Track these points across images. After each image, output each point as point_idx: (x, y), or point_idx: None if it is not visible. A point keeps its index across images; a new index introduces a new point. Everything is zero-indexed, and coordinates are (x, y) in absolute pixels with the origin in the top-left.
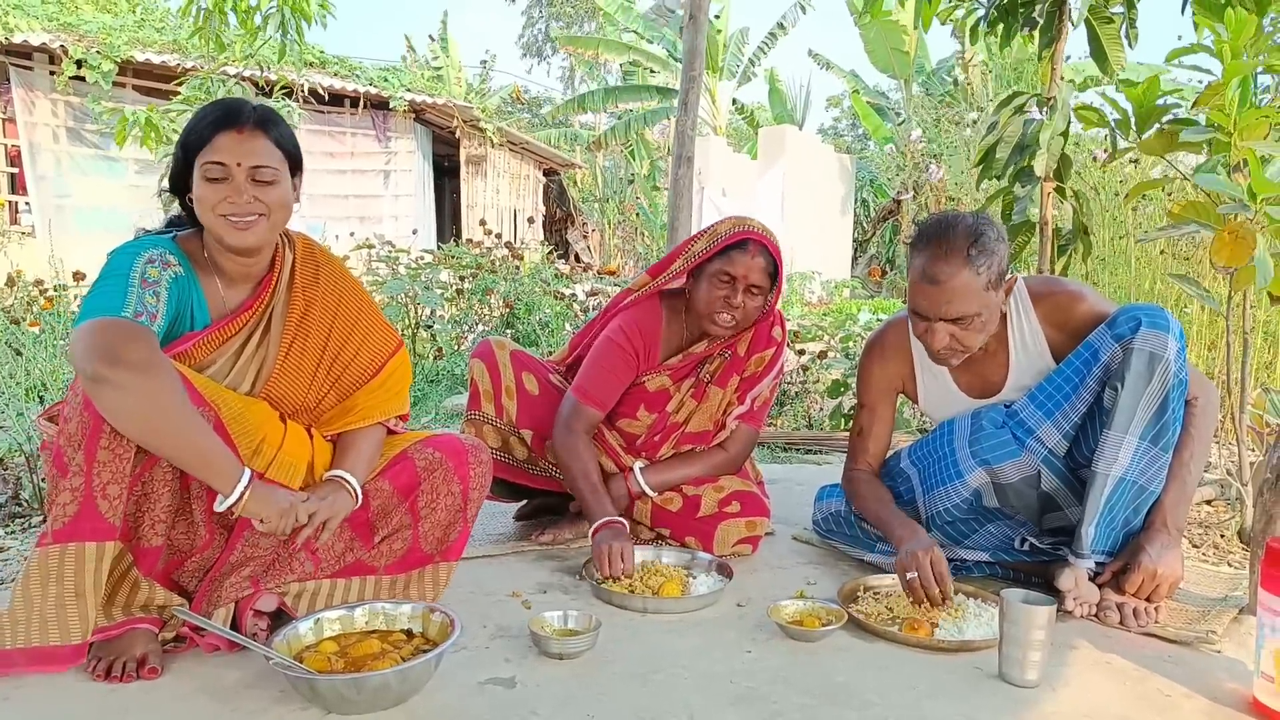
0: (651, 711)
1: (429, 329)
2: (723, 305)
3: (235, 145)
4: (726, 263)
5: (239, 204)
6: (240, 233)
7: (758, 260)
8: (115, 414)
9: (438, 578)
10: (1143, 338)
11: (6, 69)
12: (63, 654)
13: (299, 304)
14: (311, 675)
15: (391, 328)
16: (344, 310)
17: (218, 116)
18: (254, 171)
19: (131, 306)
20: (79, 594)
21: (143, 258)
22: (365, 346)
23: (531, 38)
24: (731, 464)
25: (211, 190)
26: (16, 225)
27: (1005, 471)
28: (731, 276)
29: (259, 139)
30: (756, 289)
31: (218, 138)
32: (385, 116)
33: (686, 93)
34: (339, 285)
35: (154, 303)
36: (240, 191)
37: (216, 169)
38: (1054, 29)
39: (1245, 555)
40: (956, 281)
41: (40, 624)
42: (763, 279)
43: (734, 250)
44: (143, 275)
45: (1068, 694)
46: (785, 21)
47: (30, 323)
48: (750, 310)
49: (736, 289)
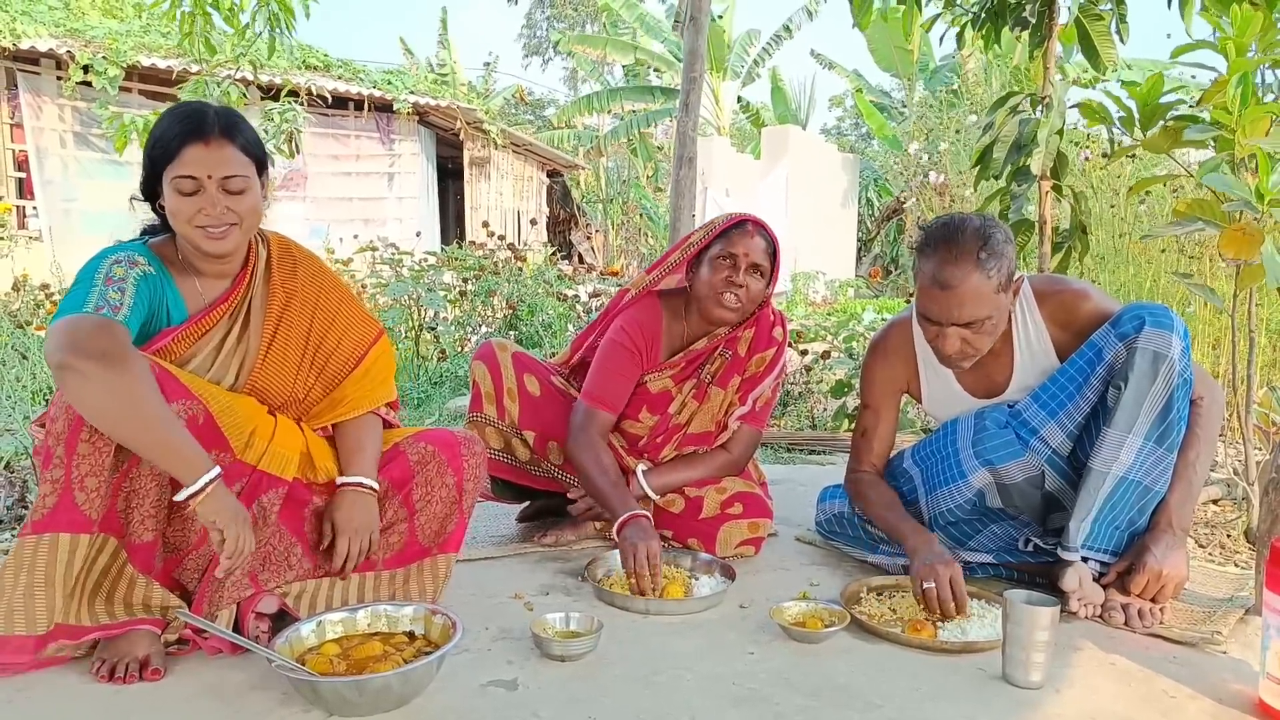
0: (653, 713)
1: (432, 330)
2: (726, 285)
3: (204, 157)
4: (726, 243)
5: (213, 215)
6: (216, 241)
7: (757, 240)
8: (80, 402)
9: (436, 570)
10: (1146, 336)
11: (14, 74)
12: (26, 644)
13: (279, 297)
14: (314, 677)
15: (372, 317)
16: (324, 301)
17: (184, 129)
18: (225, 182)
19: (92, 302)
20: (48, 583)
21: (109, 260)
22: (347, 336)
23: (532, 38)
24: (734, 465)
25: (185, 203)
26: (24, 230)
27: (1009, 471)
28: (733, 255)
29: (227, 148)
30: (757, 269)
31: (186, 150)
32: (389, 119)
33: (688, 94)
34: (317, 278)
35: (117, 297)
36: (214, 203)
37: (188, 183)
38: (1044, 28)
39: (1251, 555)
40: (968, 286)
41: (7, 614)
42: (763, 259)
43: (733, 231)
44: (107, 274)
45: (1071, 695)
46: (790, 24)
47: (36, 327)
48: (753, 291)
49: (739, 268)
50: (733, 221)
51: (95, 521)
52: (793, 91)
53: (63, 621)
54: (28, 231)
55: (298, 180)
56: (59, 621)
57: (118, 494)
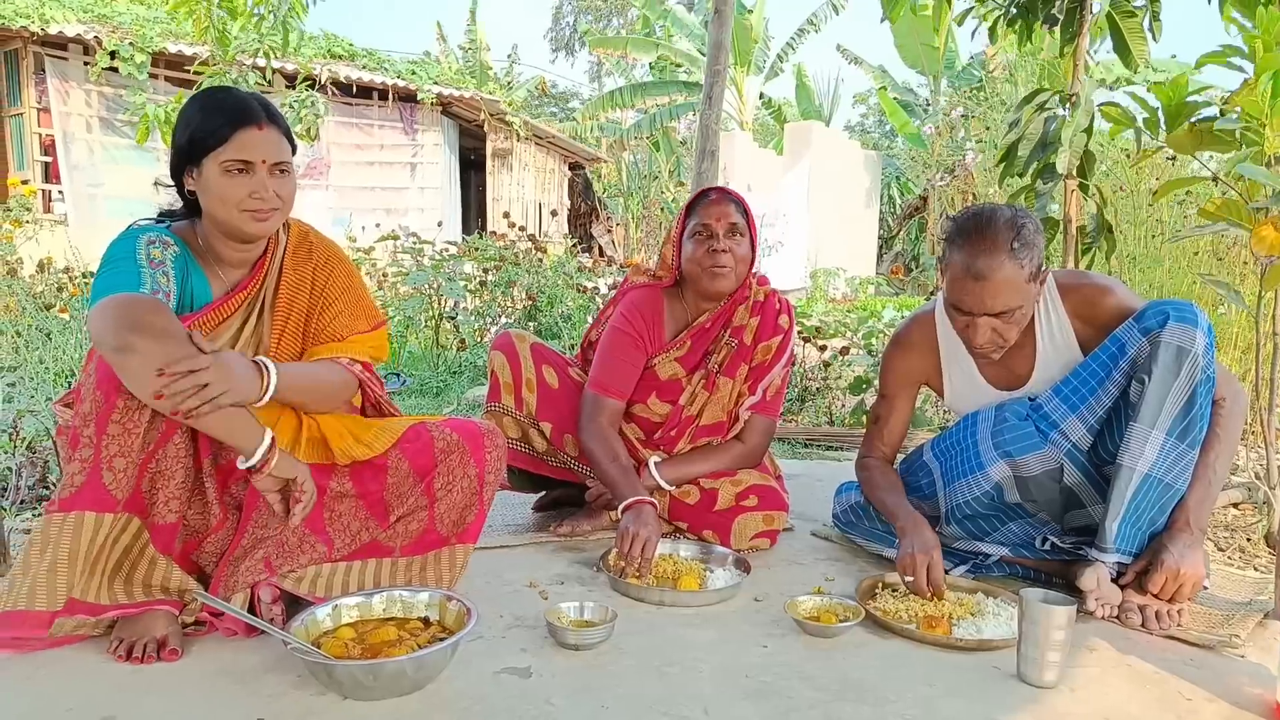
0: (666, 704)
1: (452, 320)
2: (710, 255)
3: (259, 141)
4: (699, 217)
5: (265, 198)
6: (261, 224)
7: (726, 206)
8: (138, 383)
9: (454, 560)
10: (1170, 331)
11: (42, 59)
12: (45, 619)
13: (289, 285)
14: (329, 661)
15: (375, 310)
16: (329, 288)
17: (233, 114)
18: (275, 166)
19: (148, 284)
20: (71, 560)
21: (143, 240)
22: (338, 321)
23: (559, 33)
24: (749, 456)
25: (235, 186)
26: (50, 213)
27: (1027, 464)
28: (707, 225)
29: (276, 133)
30: (735, 229)
31: (239, 135)
32: (413, 109)
33: (711, 87)
34: (328, 265)
35: (165, 282)
36: (264, 186)
37: (241, 165)
38: (1075, 25)
39: (1271, 559)
40: (1001, 276)
41: (30, 589)
42: (738, 217)
43: (698, 204)
44: (148, 257)
45: (1086, 695)
46: (816, 19)
47: (60, 309)
48: (740, 253)
49: (717, 234)
50: (696, 194)
51: (121, 501)
52: (818, 88)
53: (81, 599)
54: (53, 215)
55: (321, 169)
56: (76, 598)
57: (143, 475)
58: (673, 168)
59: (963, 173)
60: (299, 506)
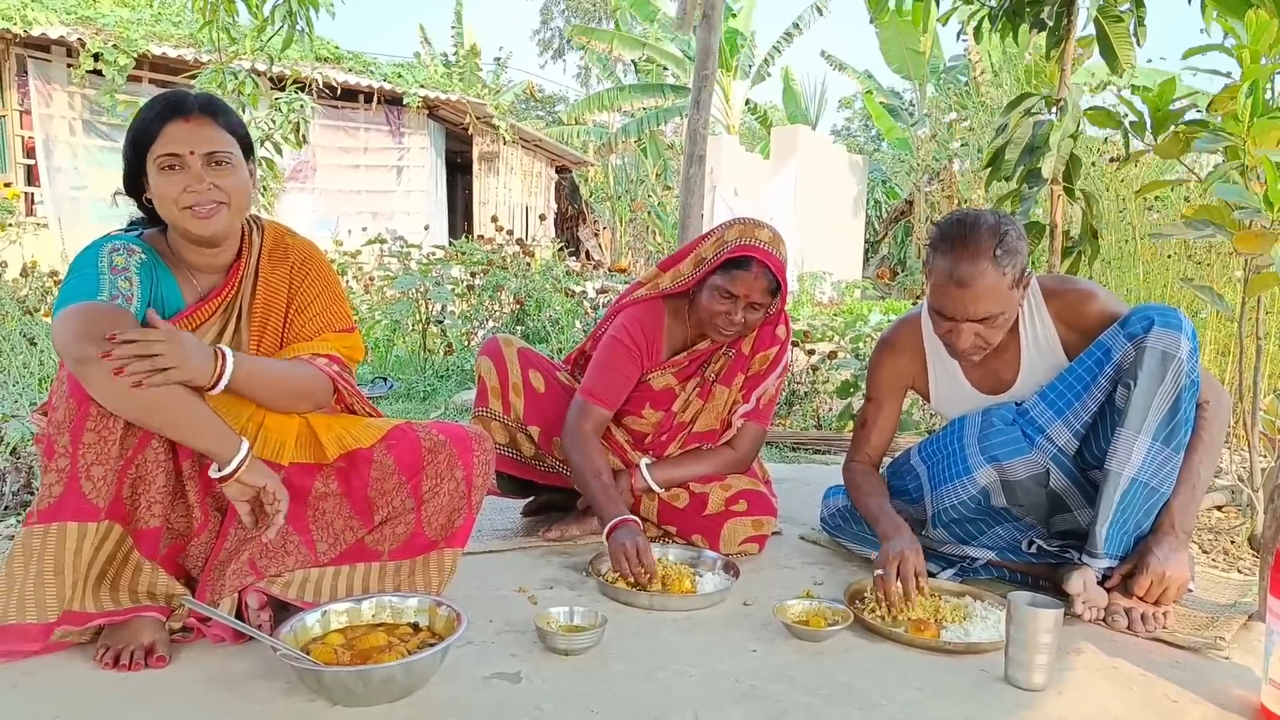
0: (656, 708)
1: (439, 324)
2: (725, 320)
3: (186, 133)
4: (728, 280)
5: (200, 192)
6: (203, 221)
7: (760, 281)
8: (104, 393)
9: (443, 564)
10: (1155, 336)
11: (24, 61)
12: (35, 631)
13: (265, 289)
14: (318, 667)
15: (348, 316)
16: (303, 291)
17: (163, 108)
18: (209, 157)
19: (106, 291)
20: (58, 572)
21: (106, 248)
22: (311, 324)
23: (546, 33)
24: (739, 463)
25: (169, 182)
26: (32, 216)
27: (1014, 469)
28: (732, 295)
29: (209, 124)
30: (757, 305)
31: (167, 128)
32: (399, 112)
33: (699, 91)
34: (304, 265)
35: (127, 287)
36: (199, 179)
37: (170, 159)
38: (1062, 29)
39: (1255, 561)
40: (984, 283)
41: (19, 602)
42: (763, 297)
43: (736, 269)
44: (110, 264)
45: (1073, 698)
46: (801, 22)
47: (44, 313)
48: (751, 322)
49: (737, 306)
50: (739, 253)
51: (102, 510)
52: (804, 91)
53: (68, 608)
54: (35, 218)
55: (306, 172)
56: (66, 608)
57: (123, 481)
58: (660, 171)
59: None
60: (274, 518)
